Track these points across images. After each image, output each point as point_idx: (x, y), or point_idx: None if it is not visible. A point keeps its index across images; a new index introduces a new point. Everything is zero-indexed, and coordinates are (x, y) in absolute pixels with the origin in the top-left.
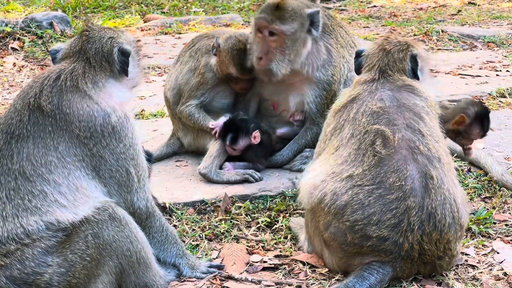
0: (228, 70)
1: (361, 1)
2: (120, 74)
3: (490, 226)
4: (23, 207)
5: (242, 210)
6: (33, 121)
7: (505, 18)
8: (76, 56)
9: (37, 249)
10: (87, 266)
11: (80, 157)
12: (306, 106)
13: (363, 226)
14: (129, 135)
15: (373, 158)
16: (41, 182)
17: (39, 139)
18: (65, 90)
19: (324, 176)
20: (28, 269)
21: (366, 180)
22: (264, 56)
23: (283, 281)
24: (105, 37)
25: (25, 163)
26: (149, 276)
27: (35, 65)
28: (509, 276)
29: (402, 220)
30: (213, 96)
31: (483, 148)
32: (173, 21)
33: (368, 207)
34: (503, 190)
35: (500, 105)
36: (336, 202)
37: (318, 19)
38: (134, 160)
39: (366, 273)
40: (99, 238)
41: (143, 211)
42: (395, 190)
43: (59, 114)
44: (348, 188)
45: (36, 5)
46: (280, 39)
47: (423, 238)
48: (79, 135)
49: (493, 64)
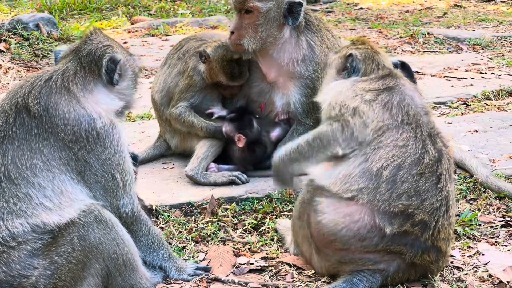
0: (217, 78)
1: (348, 3)
2: (108, 82)
3: (475, 228)
4: (8, 210)
5: (229, 212)
6: (19, 122)
7: (491, 21)
8: (71, 55)
9: (23, 251)
10: (73, 269)
11: (65, 161)
12: (292, 106)
13: (413, 209)
14: (114, 142)
15: (434, 150)
16: (26, 185)
17: (25, 141)
18: (54, 90)
19: (382, 161)
20: (14, 272)
21: (427, 169)
22: (236, 32)
23: (270, 283)
24: (103, 43)
25: (10, 166)
26: (136, 278)
27: (22, 67)
28: (494, 278)
29: (442, 204)
30: (202, 98)
31: (468, 150)
32: (160, 23)
33: (424, 194)
34: (488, 192)
35: (486, 107)
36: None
37: (298, 10)
38: (119, 166)
39: (356, 279)
40: (85, 241)
41: (129, 215)
42: (442, 178)
43: (45, 116)
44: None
45: (22, 6)
46: (254, 16)
47: (445, 223)
48: (64, 138)
49: (478, 66)
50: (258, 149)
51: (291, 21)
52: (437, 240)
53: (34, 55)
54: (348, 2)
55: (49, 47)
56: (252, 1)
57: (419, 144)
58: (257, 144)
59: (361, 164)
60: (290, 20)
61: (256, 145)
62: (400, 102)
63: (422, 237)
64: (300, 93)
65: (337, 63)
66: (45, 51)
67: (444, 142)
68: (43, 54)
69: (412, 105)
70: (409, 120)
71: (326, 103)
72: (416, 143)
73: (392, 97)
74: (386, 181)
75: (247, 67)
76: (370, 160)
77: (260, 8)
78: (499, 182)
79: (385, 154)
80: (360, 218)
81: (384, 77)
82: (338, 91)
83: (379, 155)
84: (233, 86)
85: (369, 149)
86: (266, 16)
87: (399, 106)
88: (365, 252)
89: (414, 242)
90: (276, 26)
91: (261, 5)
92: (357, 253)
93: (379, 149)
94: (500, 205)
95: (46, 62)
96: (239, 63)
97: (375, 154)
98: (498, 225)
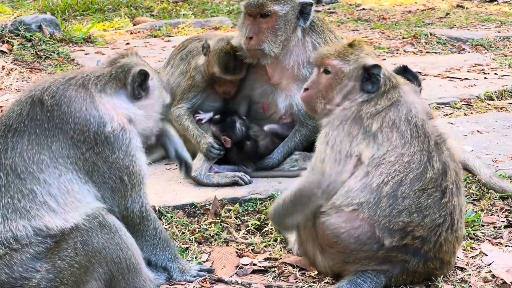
0: (212, 70)
1: (350, 4)
2: (131, 93)
3: (479, 229)
4: (13, 208)
5: (232, 213)
6: (32, 116)
7: (493, 21)
8: (105, 64)
9: (26, 254)
10: (76, 273)
11: (73, 160)
12: (294, 108)
13: (413, 227)
14: (123, 148)
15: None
16: (31, 181)
17: (34, 136)
18: (72, 87)
19: (383, 177)
20: (16, 274)
21: (430, 184)
22: (255, 36)
23: (273, 283)
24: (138, 60)
25: (18, 159)
26: (139, 281)
27: (24, 68)
28: (497, 278)
29: (446, 219)
30: (203, 99)
31: (471, 150)
32: (162, 24)
33: (425, 210)
34: (491, 193)
35: (488, 107)
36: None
37: (309, 10)
38: (128, 169)
39: (360, 280)
40: (88, 246)
41: (136, 215)
42: (448, 193)
43: (57, 111)
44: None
45: (24, 8)
46: (272, 20)
47: (449, 237)
48: (73, 136)
49: (481, 67)
50: (247, 145)
51: (303, 22)
52: (439, 252)
53: (37, 56)
54: (351, 3)
55: (51, 48)
56: (271, 6)
57: (424, 157)
58: (246, 140)
59: (362, 179)
60: (301, 21)
61: (244, 142)
62: (407, 114)
63: (422, 249)
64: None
65: (356, 75)
66: (47, 52)
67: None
68: (45, 55)
69: (418, 114)
70: (418, 132)
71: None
72: (422, 156)
73: (399, 112)
74: (387, 196)
75: (245, 65)
76: (371, 176)
77: (278, 12)
78: (502, 183)
79: (386, 169)
80: (360, 225)
81: (386, 92)
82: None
83: (380, 170)
84: (227, 82)
85: (371, 167)
86: (284, 19)
87: (407, 119)
88: (365, 257)
89: (415, 253)
90: (291, 29)
91: (279, 8)
92: (359, 256)
93: (381, 165)
94: (503, 205)
95: (49, 63)
96: (236, 58)
97: (376, 169)
98: (502, 226)
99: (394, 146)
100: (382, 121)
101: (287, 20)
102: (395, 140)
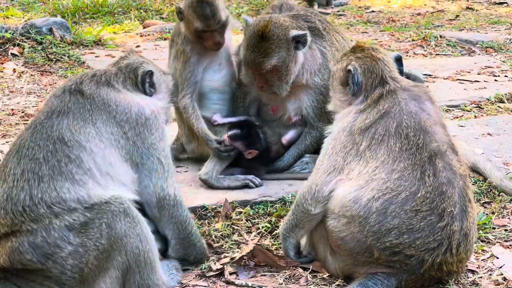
0: (194, 26)
1: (360, 7)
2: (144, 92)
3: (490, 231)
4: (59, 170)
5: (243, 216)
6: (74, 101)
7: (503, 23)
8: (111, 65)
9: (64, 222)
10: (99, 257)
11: (116, 137)
12: (304, 111)
13: (402, 248)
14: (160, 130)
15: (433, 178)
16: (78, 148)
17: (79, 114)
18: (101, 84)
19: (374, 192)
20: (51, 239)
21: (424, 205)
22: (265, 85)
23: (284, 286)
24: (138, 59)
25: (64, 131)
26: (153, 279)
27: (35, 71)
28: (508, 281)
29: (442, 243)
30: (202, 74)
31: (482, 153)
32: (172, 27)
33: (417, 232)
34: (502, 195)
35: (499, 110)
36: (384, 222)
37: (304, 39)
38: (164, 152)
39: (371, 283)
40: (111, 229)
41: (171, 198)
42: (446, 216)
43: (97, 97)
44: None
45: (35, 11)
46: (274, 70)
47: (449, 259)
48: (116, 116)
49: (491, 69)
50: (264, 155)
51: (302, 47)
52: (440, 272)
53: (48, 59)
54: (360, 5)
55: (62, 51)
56: (268, 63)
57: (416, 173)
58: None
59: (355, 191)
60: (301, 46)
61: (263, 152)
62: (398, 127)
63: (421, 269)
64: (313, 99)
65: (339, 76)
66: (58, 55)
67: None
68: (56, 58)
69: (412, 124)
70: (409, 144)
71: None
72: (414, 172)
73: (389, 124)
74: (376, 213)
75: (221, 11)
76: (363, 190)
77: (276, 64)
78: None
79: (378, 186)
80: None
81: (379, 99)
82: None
83: (372, 186)
84: (212, 33)
85: (362, 181)
86: (285, 63)
87: (397, 132)
88: (370, 261)
89: (414, 268)
90: (293, 62)
91: (276, 60)
92: (364, 259)
93: (373, 181)
94: None
95: (60, 66)
96: (210, 3)
97: (368, 184)
98: None
99: (381, 162)
100: (372, 137)
101: (288, 62)
102: (382, 155)
